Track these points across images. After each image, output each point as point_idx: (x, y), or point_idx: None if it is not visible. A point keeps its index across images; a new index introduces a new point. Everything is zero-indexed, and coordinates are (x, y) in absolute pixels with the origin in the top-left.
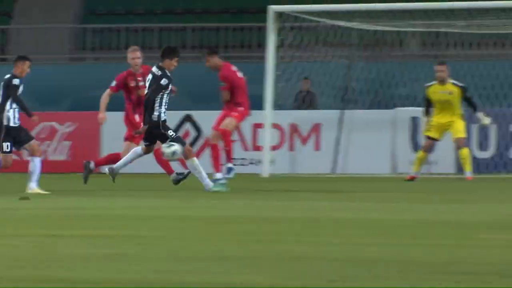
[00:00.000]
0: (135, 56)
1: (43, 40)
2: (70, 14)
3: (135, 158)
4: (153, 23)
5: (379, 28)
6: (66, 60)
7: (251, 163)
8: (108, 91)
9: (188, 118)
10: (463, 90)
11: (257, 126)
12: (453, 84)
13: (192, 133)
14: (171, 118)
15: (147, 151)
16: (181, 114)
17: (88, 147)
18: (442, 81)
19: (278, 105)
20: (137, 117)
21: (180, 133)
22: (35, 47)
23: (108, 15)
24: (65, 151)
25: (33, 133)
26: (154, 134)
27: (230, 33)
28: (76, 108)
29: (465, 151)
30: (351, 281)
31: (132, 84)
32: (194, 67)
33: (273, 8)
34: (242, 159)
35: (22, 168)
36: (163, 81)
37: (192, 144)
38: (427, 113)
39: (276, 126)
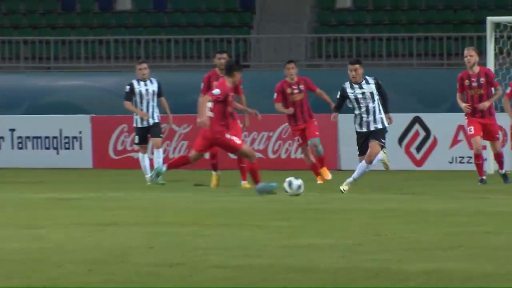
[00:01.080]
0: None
1: (280, 48)
2: (304, 26)
3: None
4: (380, 32)
5: None
6: (304, 67)
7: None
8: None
9: (416, 120)
10: None
11: None
12: None
13: (421, 133)
14: (401, 120)
15: None
16: (410, 116)
17: (326, 147)
18: None
19: (499, 108)
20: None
21: (410, 134)
22: (274, 55)
23: (338, 26)
24: None
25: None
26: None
27: (452, 42)
28: (314, 110)
29: None
30: None
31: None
32: (420, 73)
33: (491, 19)
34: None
35: None
36: None
37: (422, 144)
38: None
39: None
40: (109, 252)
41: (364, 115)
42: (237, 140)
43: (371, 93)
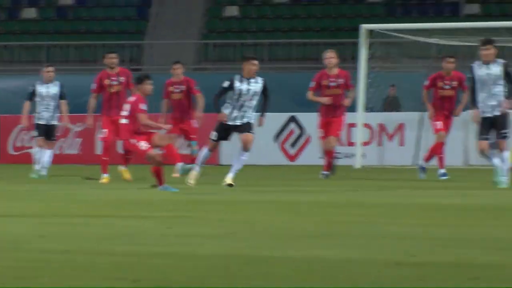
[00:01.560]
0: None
1: (171, 53)
2: (194, 32)
3: None
4: (263, 39)
5: (454, 43)
6: (191, 70)
7: (346, 157)
8: None
9: (292, 119)
10: None
11: (351, 125)
12: None
13: (296, 131)
14: (278, 119)
15: None
16: (286, 115)
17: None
18: None
19: (369, 108)
20: None
21: (286, 132)
22: (165, 59)
23: (225, 32)
24: None
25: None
26: None
27: (329, 48)
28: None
29: None
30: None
31: None
32: (298, 76)
33: (365, 26)
34: (338, 153)
35: None
36: None
37: (296, 141)
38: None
39: (366, 125)
40: (2, 240)
41: (237, 109)
42: (144, 145)
43: (255, 92)
